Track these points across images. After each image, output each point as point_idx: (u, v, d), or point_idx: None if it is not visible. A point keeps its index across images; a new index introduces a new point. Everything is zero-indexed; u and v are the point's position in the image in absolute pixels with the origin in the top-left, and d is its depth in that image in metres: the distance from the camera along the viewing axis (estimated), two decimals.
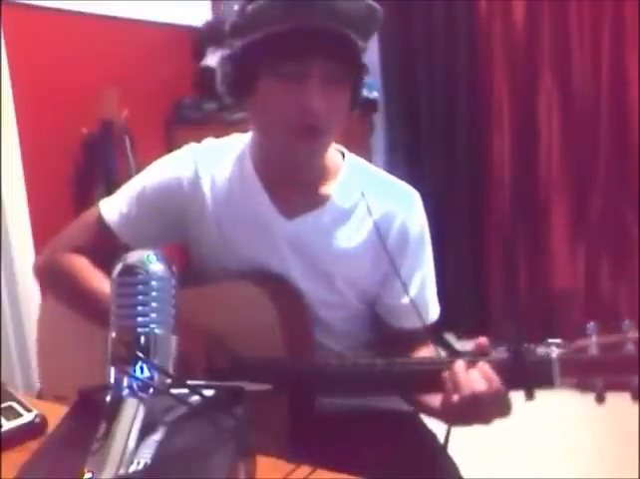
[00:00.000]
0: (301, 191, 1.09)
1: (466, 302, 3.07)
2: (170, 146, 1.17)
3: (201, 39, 2.73)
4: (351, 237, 1.09)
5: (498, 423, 0.88)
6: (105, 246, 1.11)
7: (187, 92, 2.69)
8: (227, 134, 1.16)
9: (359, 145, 1.19)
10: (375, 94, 3.17)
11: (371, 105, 3.18)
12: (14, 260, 2.17)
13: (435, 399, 0.93)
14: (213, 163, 1.11)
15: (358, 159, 1.16)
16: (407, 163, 3.12)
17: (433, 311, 1.15)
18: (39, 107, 2.26)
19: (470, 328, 2.97)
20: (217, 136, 1.17)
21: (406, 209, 1.11)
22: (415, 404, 1.08)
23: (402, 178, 1.16)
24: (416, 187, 1.15)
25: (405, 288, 1.07)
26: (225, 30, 1.01)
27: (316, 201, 1.09)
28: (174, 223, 1.11)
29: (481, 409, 0.86)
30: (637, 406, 0.83)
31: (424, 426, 1.17)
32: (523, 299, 3.07)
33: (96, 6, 2.42)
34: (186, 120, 2.72)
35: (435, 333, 1.14)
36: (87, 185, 2.39)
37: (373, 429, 1.09)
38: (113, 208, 1.14)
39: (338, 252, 1.09)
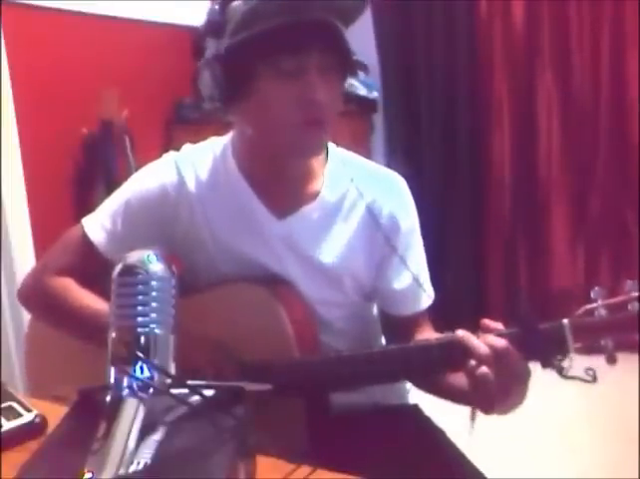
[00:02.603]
0: (289, 188, 1.09)
1: (466, 302, 3.07)
2: (170, 146, 1.16)
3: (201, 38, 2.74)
4: (342, 229, 1.09)
5: (498, 423, 0.88)
6: (91, 266, 1.09)
7: (187, 92, 2.69)
8: (227, 133, 1.16)
9: (359, 145, 1.19)
10: (375, 94, 3.17)
11: (371, 105, 3.18)
12: (14, 260, 2.17)
13: (458, 381, 0.93)
14: (195, 166, 1.10)
15: (342, 150, 1.15)
16: (407, 163, 3.11)
17: (430, 293, 1.15)
18: (39, 107, 2.27)
19: (469, 328, 2.96)
20: (217, 135, 1.16)
21: (393, 196, 1.12)
22: (439, 392, 1.05)
23: (402, 178, 1.16)
24: (416, 187, 1.15)
25: (405, 265, 1.08)
26: (205, 31, 0.98)
27: (305, 197, 1.09)
28: (162, 235, 1.07)
29: (505, 373, 0.85)
30: (637, 406, 0.83)
31: (429, 421, 1.18)
32: (523, 299, 3.07)
33: (96, 6, 2.43)
34: (186, 120, 2.72)
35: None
36: (87, 185, 2.40)
37: (378, 427, 1.10)
38: (97, 225, 1.11)
39: (333, 247, 1.08)
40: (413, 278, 1.10)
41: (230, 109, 1.03)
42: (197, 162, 1.10)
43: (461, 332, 0.91)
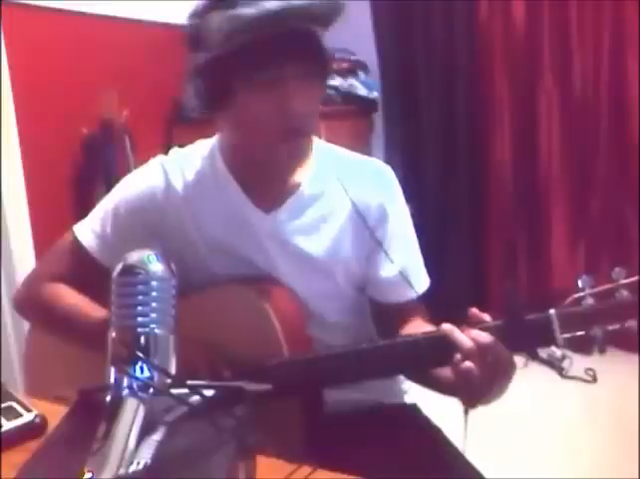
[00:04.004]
0: (275, 183, 1.09)
1: (465, 302, 3.06)
2: (170, 145, 1.17)
3: None
4: (328, 220, 1.09)
5: (499, 422, 0.88)
6: (83, 270, 1.10)
7: None
8: None
9: (359, 144, 1.19)
10: (375, 94, 3.17)
11: (371, 105, 3.18)
12: (14, 261, 2.17)
13: (444, 373, 0.93)
14: (183, 167, 1.11)
15: (326, 144, 1.16)
16: (406, 163, 3.12)
17: (422, 281, 1.14)
18: (39, 107, 2.27)
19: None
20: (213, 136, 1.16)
21: (380, 186, 1.12)
22: (427, 383, 1.06)
23: (401, 178, 1.17)
24: (415, 187, 1.15)
25: (389, 258, 1.08)
26: (185, 44, 0.99)
27: (288, 190, 1.09)
28: (151, 237, 1.06)
29: (490, 368, 0.85)
30: (637, 406, 0.83)
31: (427, 420, 1.18)
32: (511, 290, 3.07)
33: (96, 6, 2.42)
34: (186, 119, 2.72)
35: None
36: (87, 185, 2.40)
37: (376, 427, 1.10)
38: (87, 230, 1.13)
39: (320, 238, 1.09)
40: (403, 266, 1.09)
41: (215, 117, 1.04)
42: (185, 165, 1.11)
43: (445, 326, 0.90)
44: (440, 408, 1.19)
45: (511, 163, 3.06)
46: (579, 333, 0.86)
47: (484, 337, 0.86)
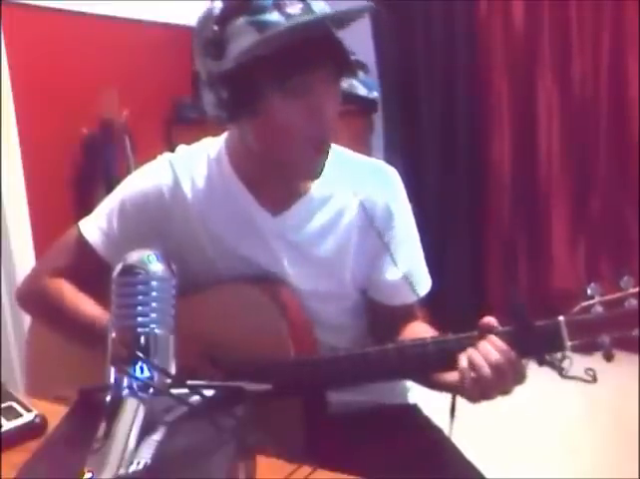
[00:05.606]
0: (284, 186, 1.09)
1: (465, 303, 3.07)
2: (170, 145, 1.16)
3: None
4: (335, 223, 1.09)
5: (499, 423, 0.88)
6: (87, 267, 1.10)
7: (187, 92, 2.69)
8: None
9: (358, 145, 1.19)
10: (375, 94, 3.17)
11: (371, 105, 3.18)
12: (14, 261, 2.17)
13: (450, 374, 0.94)
14: (191, 167, 1.10)
15: (335, 146, 1.15)
16: (406, 163, 3.11)
17: (424, 284, 1.15)
18: (39, 107, 2.27)
19: (469, 329, 2.96)
20: (218, 135, 1.16)
21: (386, 189, 1.13)
22: (429, 383, 1.06)
23: (401, 178, 1.17)
24: (415, 187, 1.16)
25: (394, 262, 1.08)
26: (201, 50, 0.97)
27: (296, 193, 1.09)
28: (157, 235, 1.06)
29: (498, 380, 0.87)
30: (637, 406, 0.83)
31: (428, 420, 1.18)
32: (519, 297, 3.07)
33: (96, 6, 2.42)
34: (186, 119, 2.72)
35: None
36: (87, 185, 2.40)
37: (377, 427, 1.10)
38: (93, 226, 1.12)
39: (327, 241, 1.09)
40: (406, 269, 1.10)
41: (238, 126, 1.03)
42: (193, 165, 1.10)
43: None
44: (440, 408, 1.19)
45: (511, 163, 3.06)
46: (587, 340, 0.87)
47: (499, 359, 0.87)
